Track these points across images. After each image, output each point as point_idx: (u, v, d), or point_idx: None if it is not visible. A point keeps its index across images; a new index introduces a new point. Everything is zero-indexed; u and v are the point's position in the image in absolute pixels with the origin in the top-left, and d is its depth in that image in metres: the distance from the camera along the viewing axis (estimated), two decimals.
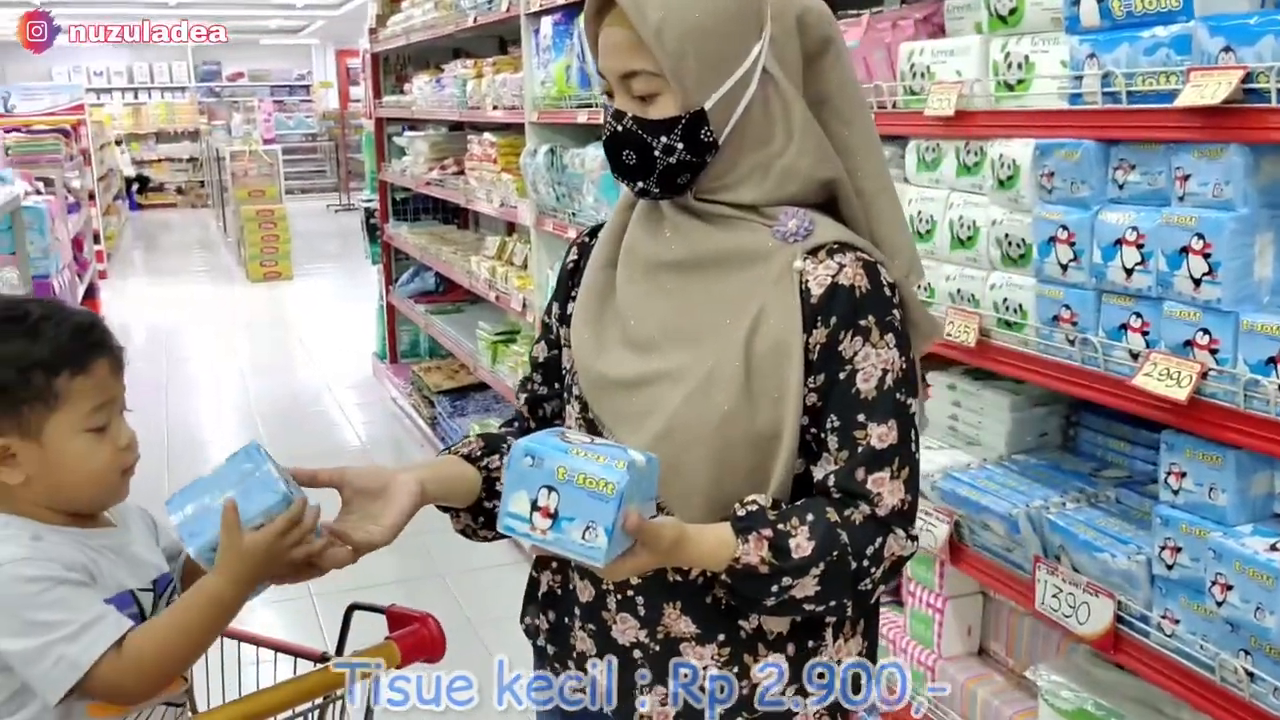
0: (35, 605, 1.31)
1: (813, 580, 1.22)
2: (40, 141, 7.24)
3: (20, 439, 1.36)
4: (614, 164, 1.33)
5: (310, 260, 12.32)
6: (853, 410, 1.25)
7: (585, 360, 1.38)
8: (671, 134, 1.27)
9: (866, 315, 1.26)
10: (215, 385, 7.34)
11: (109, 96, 20.21)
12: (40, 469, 1.38)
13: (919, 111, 1.97)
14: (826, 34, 1.32)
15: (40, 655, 1.30)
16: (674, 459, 1.27)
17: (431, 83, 5.44)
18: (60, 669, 1.30)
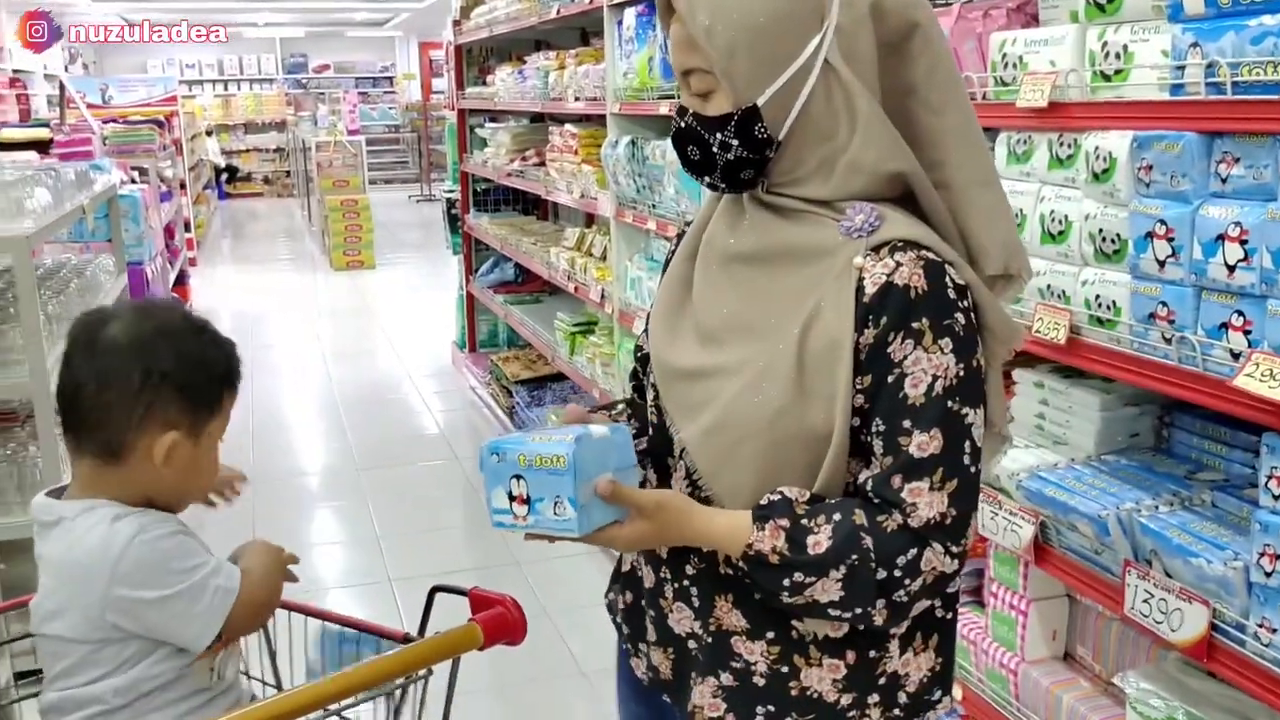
0: (177, 556, 1.46)
1: (835, 584, 1.21)
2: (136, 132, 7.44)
3: (185, 436, 1.49)
4: (681, 159, 1.35)
5: (392, 250, 12.52)
6: (898, 415, 1.22)
7: (657, 349, 1.40)
8: (725, 130, 1.27)
9: (920, 318, 1.21)
10: (298, 371, 7.49)
11: (200, 88, 20.74)
12: (184, 466, 1.51)
13: (1010, 103, 1.93)
14: (911, 19, 1.26)
15: (201, 590, 1.46)
16: (725, 452, 1.28)
17: (514, 74, 5.48)
18: (220, 596, 1.47)
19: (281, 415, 6.47)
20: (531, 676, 3.38)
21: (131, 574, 1.42)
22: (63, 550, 1.47)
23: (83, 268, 4.41)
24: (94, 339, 1.47)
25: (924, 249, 1.24)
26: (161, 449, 1.47)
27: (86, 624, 1.45)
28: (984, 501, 2.07)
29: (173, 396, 1.47)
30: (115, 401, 1.45)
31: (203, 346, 1.53)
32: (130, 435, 1.46)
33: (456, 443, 5.85)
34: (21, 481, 3.28)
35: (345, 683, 1.40)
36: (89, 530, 1.45)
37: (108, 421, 1.46)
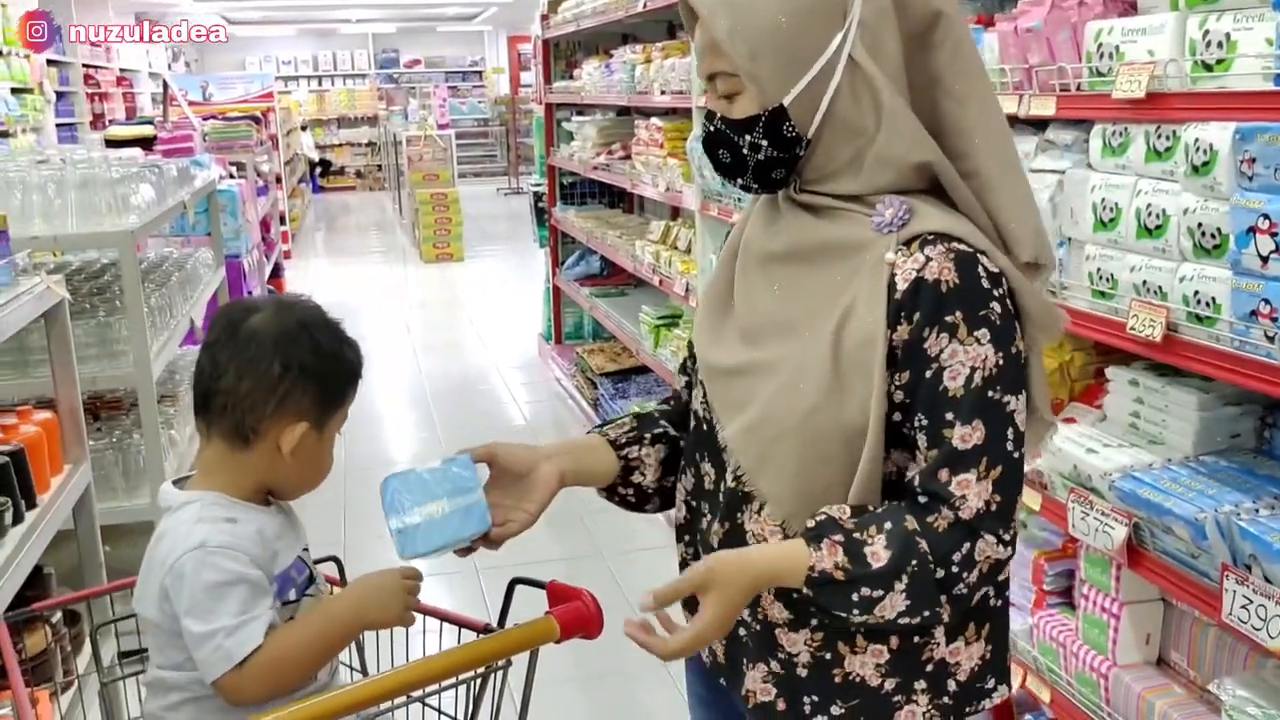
0: (212, 594, 1.46)
1: (901, 596, 1.21)
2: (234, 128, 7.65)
3: (312, 428, 1.56)
4: (713, 163, 1.36)
5: (480, 242, 12.68)
6: (940, 409, 1.22)
7: (701, 348, 1.44)
8: (754, 132, 1.28)
9: (954, 311, 1.21)
10: (389, 362, 7.63)
11: (295, 84, 21.24)
12: (307, 456, 1.57)
13: (1106, 94, 1.88)
14: (934, 8, 1.26)
15: (207, 638, 1.44)
16: (766, 449, 1.30)
17: (600, 68, 5.50)
18: (218, 655, 1.44)
19: (372, 405, 6.60)
20: (612, 669, 3.40)
21: (175, 581, 1.46)
22: (154, 540, 1.54)
23: (183, 261, 4.56)
24: (237, 328, 1.53)
25: (954, 240, 1.24)
26: (293, 438, 1.53)
27: (159, 611, 1.50)
28: (1074, 502, 2.03)
29: (307, 389, 1.53)
30: (253, 389, 1.51)
31: (338, 343, 1.60)
32: (263, 423, 1.52)
33: (542, 434, 5.91)
34: (126, 468, 3.40)
35: (425, 670, 1.43)
36: (175, 525, 1.51)
37: (243, 407, 1.52)
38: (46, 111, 10.57)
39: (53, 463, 2.49)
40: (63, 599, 1.98)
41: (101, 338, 3.38)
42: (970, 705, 1.36)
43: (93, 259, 4.15)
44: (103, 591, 1.86)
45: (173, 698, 1.53)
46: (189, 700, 1.51)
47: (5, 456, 2.21)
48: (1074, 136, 2.12)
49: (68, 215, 3.35)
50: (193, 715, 1.52)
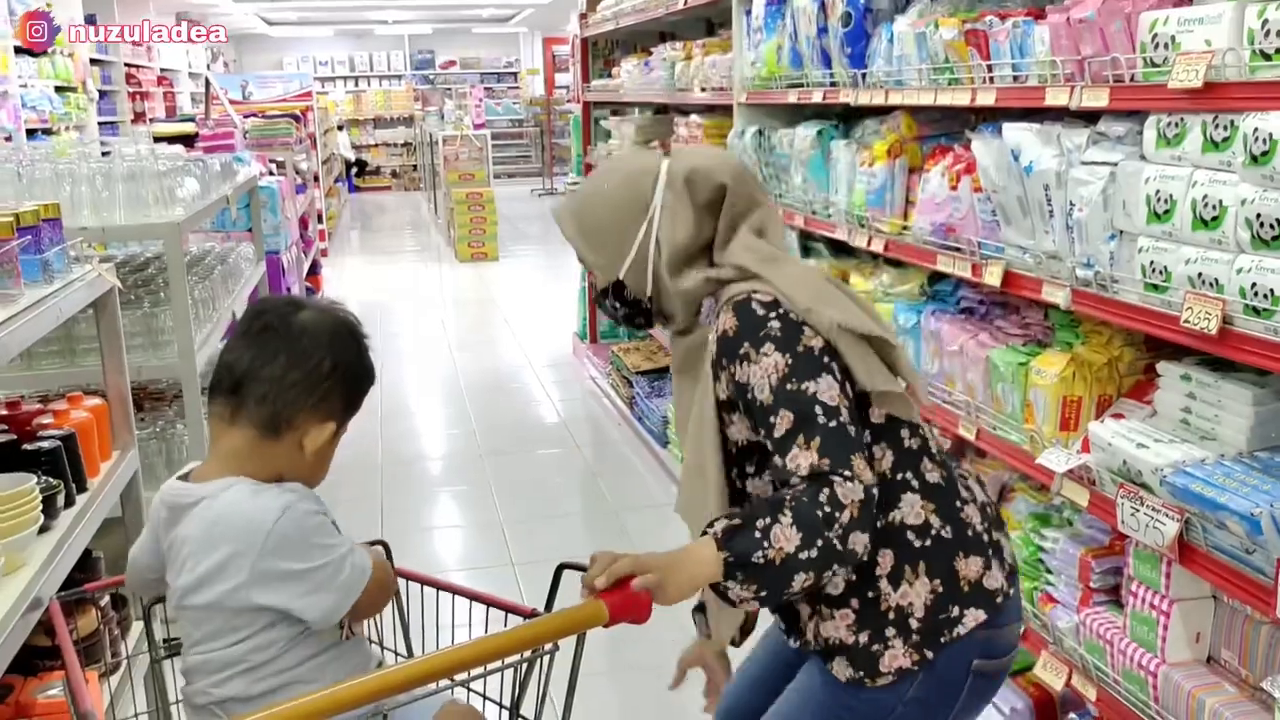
0: (320, 532, 1.55)
1: (790, 527, 1.45)
2: (275, 126, 7.72)
3: (336, 427, 1.63)
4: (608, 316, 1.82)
5: (514, 242, 12.71)
6: (763, 416, 1.54)
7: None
8: (610, 298, 1.76)
9: (741, 344, 1.56)
10: (424, 359, 7.67)
11: (332, 84, 21.41)
12: (321, 455, 1.62)
13: (1161, 84, 1.86)
14: (717, 182, 1.66)
15: (340, 566, 1.55)
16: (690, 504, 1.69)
17: (639, 66, 5.50)
18: (356, 574, 1.57)
19: (408, 402, 6.64)
20: (647, 664, 3.39)
21: (280, 546, 1.50)
22: (208, 526, 1.54)
23: (226, 255, 4.61)
24: (288, 321, 1.58)
25: (733, 297, 1.61)
26: (322, 435, 1.59)
27: (230, 595, 1.52)
28: (1123, 498, 2.01)
29: (343, 390, 1.60)
30: (300, 381, 1.55)
31: (367, 351, 1.68)
32: (300, 415, 1.57)
33: (576, 431, 5.92)
34: (169, 457, 3.44)
35: (473, 653, 1.43)
36: (236, 505, 1.52)
37: (285, 398, 1.55)
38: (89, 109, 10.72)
39: (102, 449, 2.52)
40: (113, 580, 2.00)
41: (147, 328, 3.43)
42: (943, 634, 1.59)
43: (136, 252, 4.20)
44: None
45: (223, 674, 1.55)
46: (240, 673, 1.53)
47: (57, 440, 2.24)
48: (1126, 128, 2.09)
49: (115, 207, 3.39)
50: (242, 687, 1.54)
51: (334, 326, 1.61)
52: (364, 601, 1.59)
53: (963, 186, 2.56)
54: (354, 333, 1.65)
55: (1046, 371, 2.32)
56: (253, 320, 1.61)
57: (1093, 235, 2.10)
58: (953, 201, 2.59)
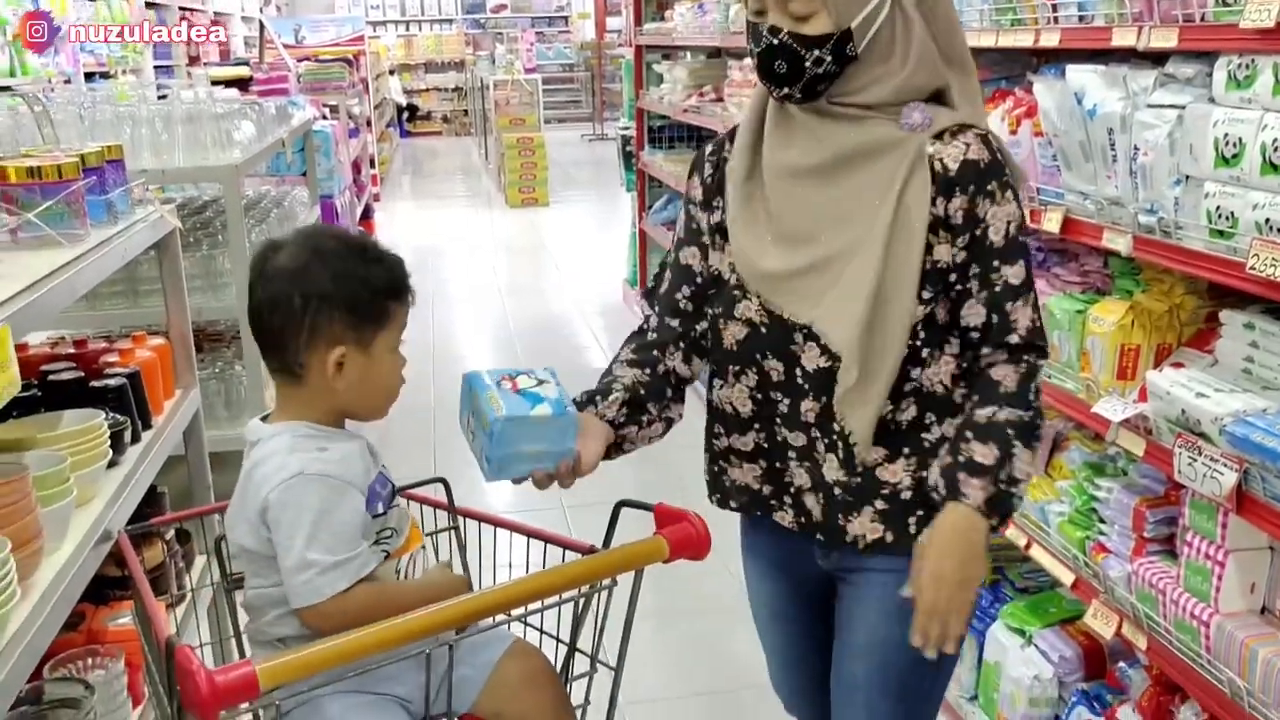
0: (316, 524, 1.50)
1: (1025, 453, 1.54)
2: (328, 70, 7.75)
3: (355, 349, 1.57)
4: (765, 72, 1.56)
5: (565, 188, 12.70)
6: (989, 258, 1.56)
7: (752, 260, 1.65)
8: (823, 48, 1.52)
9: (990, 181, 1.55)
10: (475, 303, 7.73)
11: (384, 29, 21.36)
12: (359, 377, 1.59)
13: (1233, 24, 1.81)
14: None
15: (303, 565, 1.49)
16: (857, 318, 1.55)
17: (694, 8, 5.44)
18: (313, 587, 1.49)
19: (459, 346, 6.71)
20: (694, 609, 3.44)
21: (274, 507, 1.51)
22: (248, 468, 1.58)
23: (281, 199, 4.65)
24: (265, 268, 1.58)
25: (974, 128, 1.58)
26: (331, 364, 1.56)
27: (255, 538, 1.55)
28: (1181, 447, 1.99)
29: (334, 315, 1.55)
30: (283, 324, 1.55)
31: (362, 265, 1.59)
32: (303, 355, 1.56)
33: None
34: (229, 398, 3.51)
35: (532, 587, 1.46)
36: (268, 456, 1.55)
37: (283, 343, 1.57)
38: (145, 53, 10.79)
39: (166, 387, 2.58)
40: (179, 514, 2.06)
41: (205, 270, 3.48)
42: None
43: (194, 196, 4.25)
44: (215, 509, 1.93)
45: (273, 613, 1.58)
46: (289, 613, 1.57)
47: (124, 378, 2.29)
48: (1195, 70, 2.04)
49: (175, 150, 3.43)
50: (296, 627, 1.57)
51: (296, 261, 1.56)
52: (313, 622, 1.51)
53: (1023, 131, 2.51)
54: (326, 255, 1.57)
55: (1104, 319, 2.29)
56: (250, 272, 1.62)
57: (1157, 180, 2.06)
58: (1013, 146, 2.54)
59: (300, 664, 1.20)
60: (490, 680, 1.64)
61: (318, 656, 1.22)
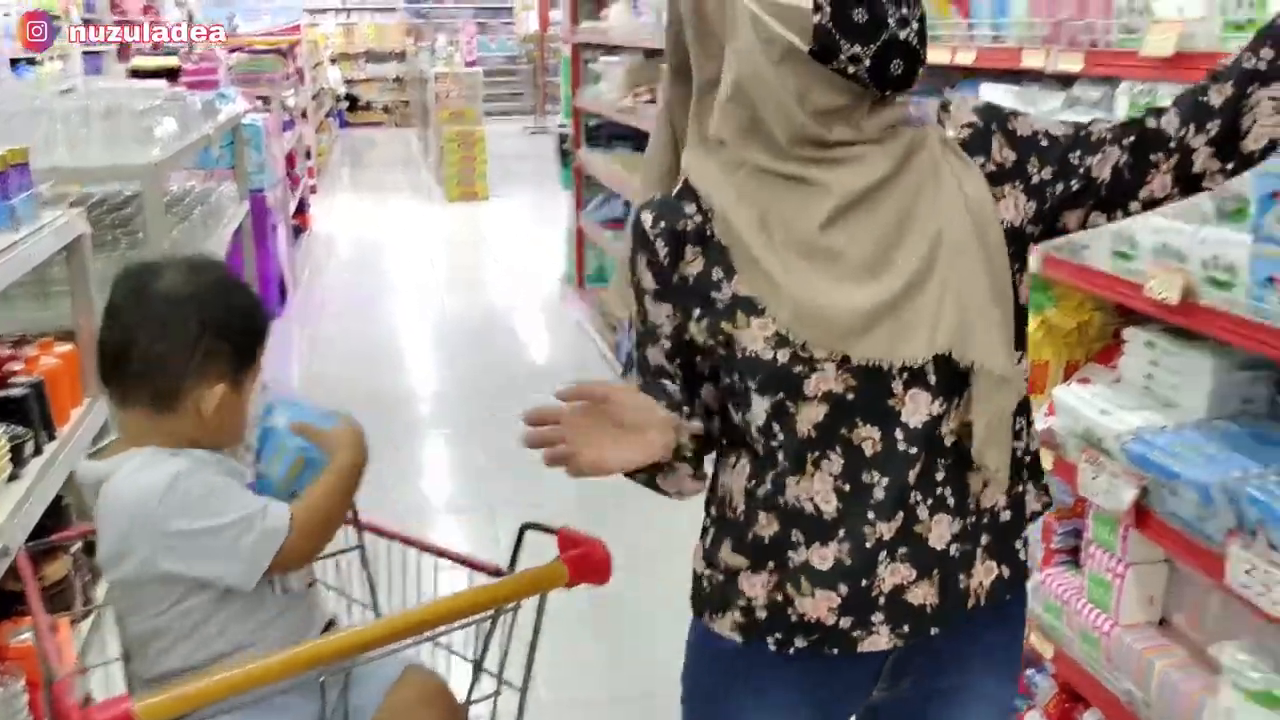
0: (222, 492, 1.52)
1: None
2: (260, 61, 7.63)
3: (231, 384, 1.57)
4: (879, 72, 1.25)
5: (505, 181, 12.62)
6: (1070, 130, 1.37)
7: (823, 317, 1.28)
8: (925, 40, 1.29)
9: (1000, 111, 1.39)
10: (412, 299, 7.66)
11: (323, 16, 21.04)
12: (227, 414, 1.58)
13: (1134, 51, 1.85)
14: None
15: (247, 527, 1.49)
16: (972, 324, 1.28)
17: (629, 8, 5.43)
18: (264, 539, 1.50)
19: (395, 342, 6.65)
20: (629, 612, 3.45)
21: (178, 508, 1.47)
22: (108, 504, 1.53)
23: (207, 194, 4.58)
24: (145, 291, 1.53)
25: (954, 102, 1.41)
26: (214, 399, 1.54)
27: (143, 567, 1.51)
28: (1086, 463, 2.03)
29: (225, 348, 1.54)
30: (171, 351, 1.51)
31: (249, 300, 1.61)
32: (185, 384, 1.53)
33: (562, 377, 5.92)
34: None
35: (437, 612, 1.47)
36: (134, 476, 1.51)
37: (162, 371, 1.52)
38: None
39: (73, 395, 2.53)
40: (81, 530, 2.02)
41: None
42: None
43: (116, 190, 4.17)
44: None
45: (157, 646, 1.55)
46: (174, 642, 1.53)
47: (26, 389, 2.24)
48: (1101, 93, 2.09)
49: (91, 146, 3.37)
50: (182, 657, 1.54)
51: (195, 287, 1.54)
52: (288, 559, 1.54)
53: None
54: (220, 287, 1.57)
55: None
56: (114, 293, 1.56)
57: None
58: None
59: (182, 699, 1.18)
60: (386, 704, 1.63)
61: (200, 691, 1.20)
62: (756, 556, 1.38)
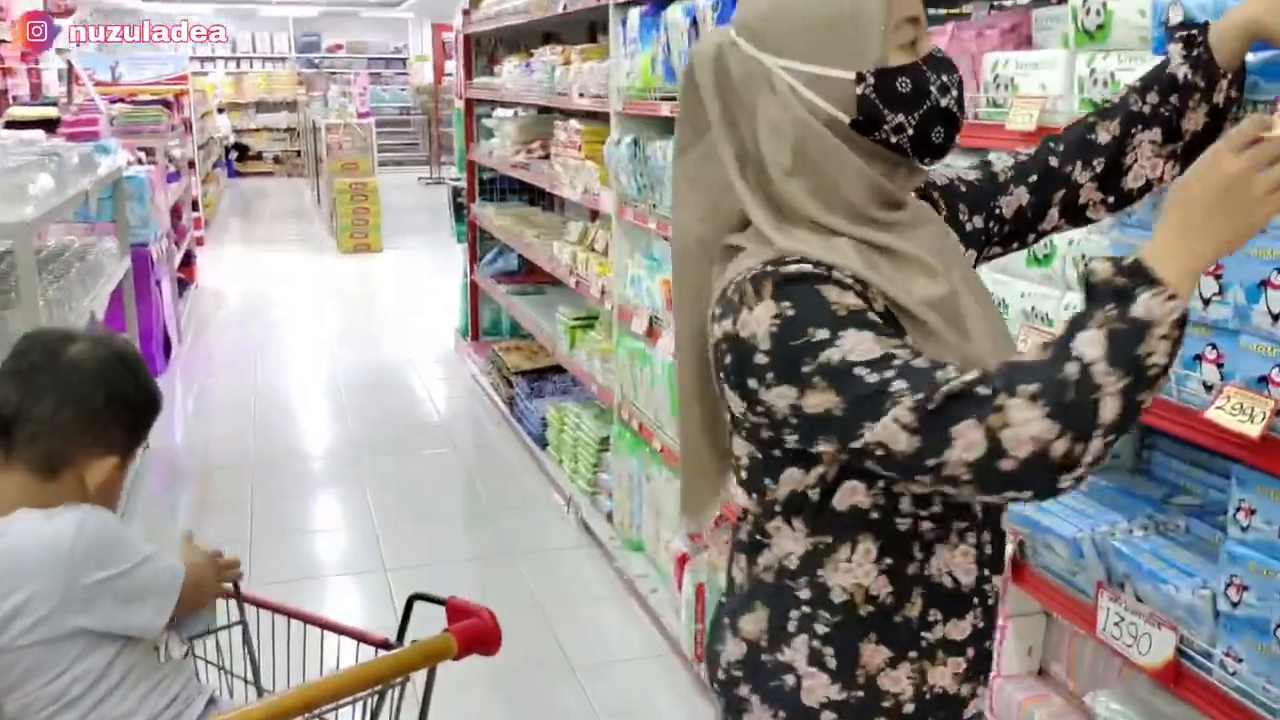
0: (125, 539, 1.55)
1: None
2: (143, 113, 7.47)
3: (119, 459, 1.60)
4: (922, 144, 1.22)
5: (399, 232, 12.53)
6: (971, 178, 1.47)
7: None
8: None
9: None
10: (303, 353, 7.53)
11: (212, 65, 20.71)
12: (110, 486, 1.60)
13: (1000, 124, 1.94)
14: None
15: (155, 568, 1.53)
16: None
17: (521, 66, 5.48)
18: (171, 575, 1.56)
19: (284, 398, 6.51)
20: (521, 669, 3.41)
21: (89, 557, 1.47)
22: (5, 562, 1.49)
23: (85, 251, 4.45)
24: (56, 357, 1.54)
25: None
26: (104, 470, 1.56)
27: (43, 624, 1.47)
28: None
29: (124, 422, 1.58)
30: (73, 419, 1.52)
31: (148, 380, 1.64)
32: (79, 453, 1.54)
33: (457, 432, 5.88)
34: None
35: (321, 691, 1.44)
36: (30, 533, 1.48)
37: (61, 437, 1.53)
38: None
39: None
40: None
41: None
42: None
43: None
44: None
45: (45, 713, 1.50)
46: (62, 709, 1.49)
47: None
48: (970, 163, 2.17)
49: None
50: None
51: (106, 359, 1.58)
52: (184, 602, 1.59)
53: None
54: (129, 363, 1.62)
55: None
56: (19, 357, 1.56)
57: None
58: None
59: None
60: None
61: None
62: (901, 644, 1.27)
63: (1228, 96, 1.33)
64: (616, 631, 3.73)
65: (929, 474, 1.09)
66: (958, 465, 1.06)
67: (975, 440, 1.04)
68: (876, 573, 1.25)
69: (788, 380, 1.14)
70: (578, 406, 4.80)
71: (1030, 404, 1.03)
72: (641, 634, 3.67)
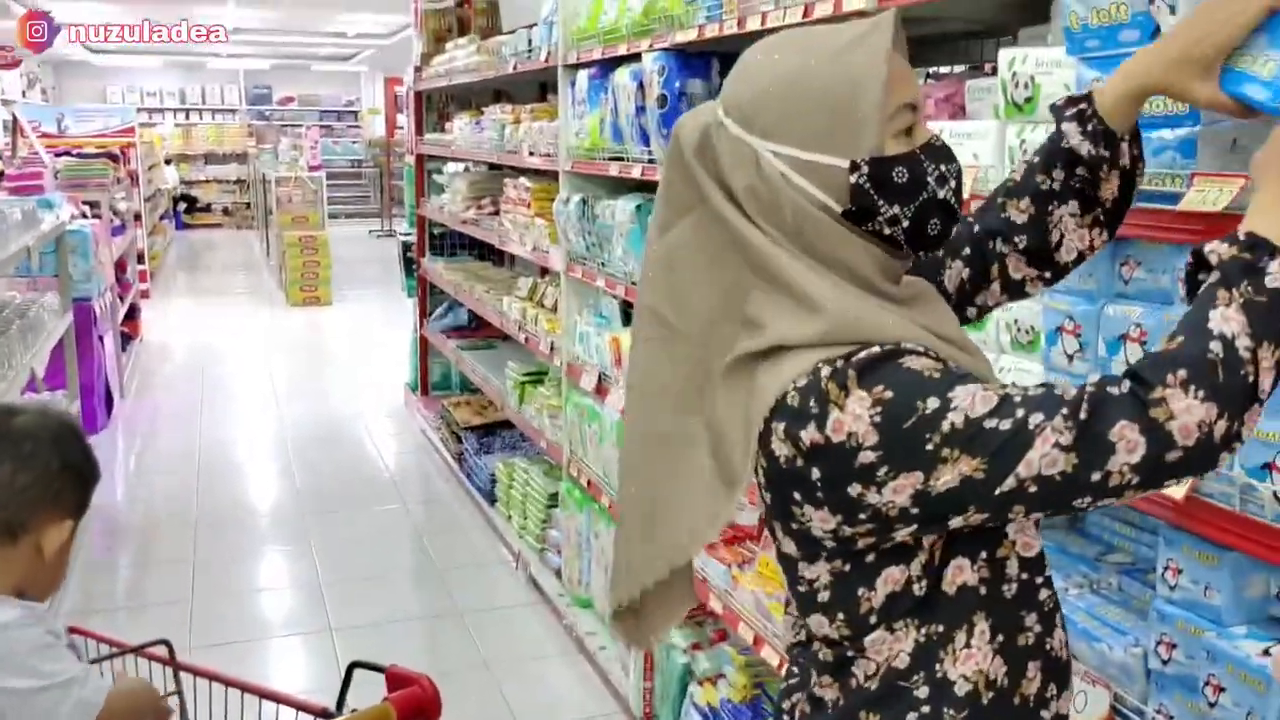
0: (46, 655, 1.50)
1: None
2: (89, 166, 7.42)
3: (69, 528, 1.61)
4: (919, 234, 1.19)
5: (349, 285, 12.49)
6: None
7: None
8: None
9: None
10: (250, 408, 7.44)
11: (161, 116, 20.62)
12: (59, 554, 1.60)
13: None
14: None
15: (64, 695, 1.48)
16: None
17: (471, 124, 5.53)
18: (81, 709, 1.49)
19: (229, 454, 6.43)
20: None
21: (8, 665, 1.46)
22: None
23: (25, 308, 4.39)
24: (8, 426, 1.57)
25: None
26: (60, 535, 1.57)
27: None
28: None
29: (75, 489, 1.61)
30: (30, 485, 1.54)
31: (90, 448, 1.68)
32: (35, 519, 1.55)
33: (405, 488, 5.84)
34: None
35: None
36: None
37: (18, 502, 1.54)
38: None
39: None
40: None
41: None
42: None
43: None
44: None
45: None
46: None
47: None
48: None
49: None
50: None
51: (56, 428, 1.63)
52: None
53: None
54: (75, 433, 1.67)
55: None
56: None
57: None
58: None
59: None
60: None
61: None
62: None
63: (1132, 156, 1.34)
64: (565, 690, 3.70)
65: (1090, 491, 1.06)
66: (1123, 470, 1.04)
67: (1135, 441, 1.03)
68: (993, 654, 1.20)
69: (910, 467, 1.07)
70: (526, 462, 4.79)
71: (1185, 390, 1.02)
72: (590, 693, 3.65)
